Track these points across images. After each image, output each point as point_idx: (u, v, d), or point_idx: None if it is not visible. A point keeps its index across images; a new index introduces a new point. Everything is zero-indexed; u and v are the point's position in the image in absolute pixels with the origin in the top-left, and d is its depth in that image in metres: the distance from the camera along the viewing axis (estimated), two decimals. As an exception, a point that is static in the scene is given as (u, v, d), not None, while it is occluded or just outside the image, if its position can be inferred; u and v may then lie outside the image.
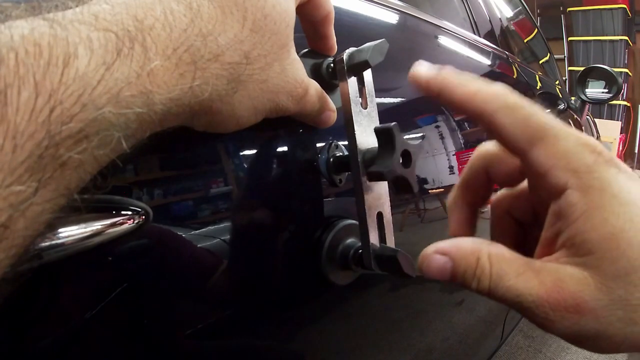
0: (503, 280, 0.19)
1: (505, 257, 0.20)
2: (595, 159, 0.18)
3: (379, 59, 0.30)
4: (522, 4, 1.65)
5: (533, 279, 0.19)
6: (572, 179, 0.18)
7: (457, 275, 0.20)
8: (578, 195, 0.18)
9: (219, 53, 0.19)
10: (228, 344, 0.31)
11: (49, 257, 0.19)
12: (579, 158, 0.18)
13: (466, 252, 0.20)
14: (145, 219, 0.23)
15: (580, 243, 0.18)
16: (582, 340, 0.19)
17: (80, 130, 0.15)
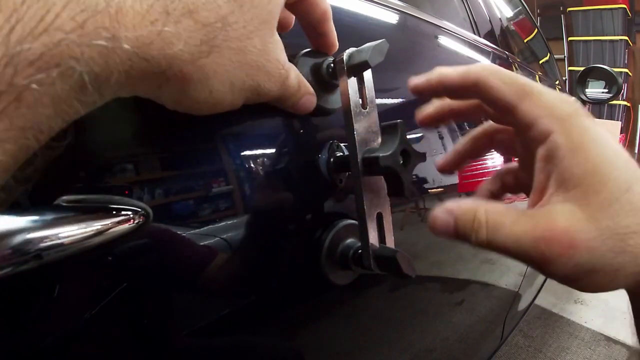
0: (500, 229, 0.21)
1: (500, 209, 0.21)
2: (575, 109, 0.21)
3: (379, 59, 0.30)
4: (522, 4, 1.65)
5: (527, 223, 0.20)
6: (556, 125, 0.21)
7: (458, 230, 0.22)
8: (562, 137, 0.20)
9: (193, 9, 0.18)
10: (228, 344, 0.31)
11: (48, 257, 0.19)
12: (560, 108, 0.21)
13: (465, 209, 0.22)
14: (145, 219, 0.23)
15: (568, 178, 0.20)
16: (579, 278, 0.20)
17: (41, 56, 0.14)
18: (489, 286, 0.81)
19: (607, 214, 0.19)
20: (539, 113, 0.21)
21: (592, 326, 1.80)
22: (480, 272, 0.74)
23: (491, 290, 0.83)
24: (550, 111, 0.21)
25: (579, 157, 0.20)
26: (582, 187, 0.20)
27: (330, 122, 0.37)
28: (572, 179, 0.20)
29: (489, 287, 0.81)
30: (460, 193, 0.63)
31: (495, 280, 0.84)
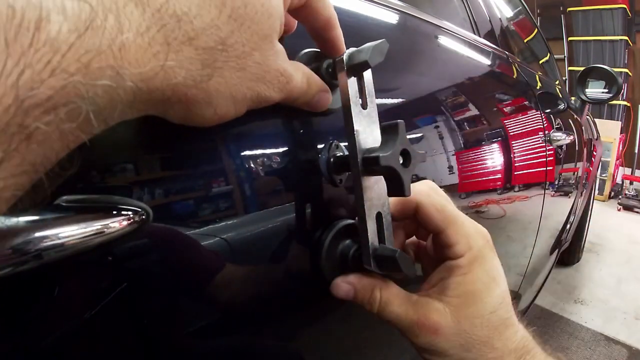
0: (389, 306, 0.29)
1: (392, 291, 0.30)
2: (484, 243, 0.31)
3: (379, 59, 0.30)
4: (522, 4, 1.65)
5: (410, 308, 0.29)
6: (467, 252, 0.30)
7: (356, 299, 0.30)
8: (466, 262, 0.29)
9: (193, 36, 0.19)
10: (227, 344, 0.31)
11: (48, 257, 0.19)
12: (474, 240, 0.30)
13: (365, 285, 0.30)
14: (145, 218, 0.23)
15: (454, 288, 0.29)
16: (433, 354, 0.29)
17: (49, 99, 0.14)
18: (489, 286, 0.81)
19: (468, 323, 0.28)
20: (456, 239, 0.29)
21: (592, 326, 1.80)
22: (480, 272, 0.74)
23: (491, 290, 0.83)
24: (466, 240, 0.30)
25: (468, 279, 0.29)
26: (460, 299, 0.28)
27: (330, 122, 0.37)
28: (456, 290, 0.29)
29: (489, 287, 0.81)
30: (460, 193, 0.63)
31: (495, 280, 0.84)
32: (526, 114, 0.98)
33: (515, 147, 0.84)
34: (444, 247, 0.30)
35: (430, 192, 0.31)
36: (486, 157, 0.72)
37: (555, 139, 1.13)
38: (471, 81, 0.76)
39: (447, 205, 0.31)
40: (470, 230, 0.30)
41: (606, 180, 4.31)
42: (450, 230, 0.30)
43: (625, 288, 2.18)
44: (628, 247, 2.77)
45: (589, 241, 2.68)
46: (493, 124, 0.78)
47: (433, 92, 0.60)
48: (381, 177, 0.32)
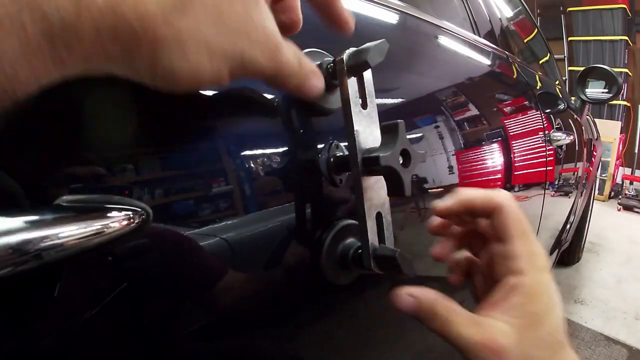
0: (452, 325, 0.28)
1: (456, 310, 0.29)
2: (546, 265, 0.30)
3: (379, 59, 0.30)
4: (522, 4, 1.65)
5: (474, 329, 0.28)
6: (531, 271, 0.29)
7: (417, 314, 0.29)
8: (530, 282, 0.28)
9: None
10: (227, 345, 0.31)
11: (49, 257, 0.19)
12: (539, 259, 0.29)
13: (429, 299, 0.29)
14: (145, 219, 0.23)
15: (518, 309, 0.28)
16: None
17: None
18: (489, 286, 0.81)
19: (530, 344, 0.27)
20: (523, 254, 0.29)
21: (592, 326, 1.80)
22: (480, 272, 0.74)
23: (491, 290, 0.83)
24: (532, 258, 0.29)
25: (533, 299, 0.28)
26: (524, 320, 0.27)
27: (330, 122, 0.37)
28: (520, 311, 0.28)
29: (489, 287, 0.81)
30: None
31: (495, 280, 0.84)
32: (526, 114, 0.98)
33: (515, 147, 0.84)
34: (507, 259, 0.29)
35: (512, 199, 0.30)
36: (486, 157, 0.72)
37: (555, 139, 1.13)
38: (471, 81, 0.76)
39: (524, 217, 0.30)
40: (536, 249, 0.30)
41: (606, 180, 4.31)
42: (520, 242, 0.29)
43: (625, 288, 2.18)
44: (628, 247, 2.77)
45: (589, 241, 2.68)
46: (493, 124, 0.78)
47: (433, 92, 0.60)
48: (381, 177, 0.32)
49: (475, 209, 0.31)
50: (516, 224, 0.29)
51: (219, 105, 0.30)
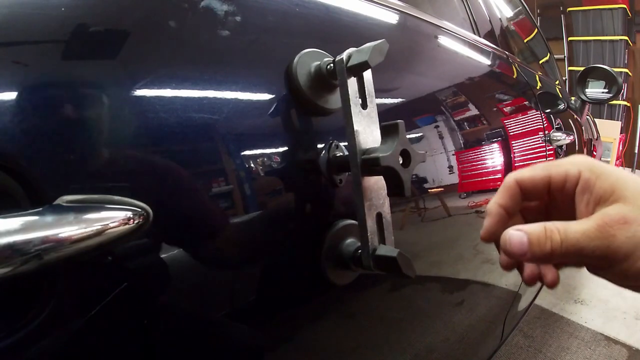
0: (569, 229, 0.26)
1: (563, 222, 0.27)
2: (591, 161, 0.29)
3: (379, 60, 0.30)
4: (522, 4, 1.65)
5: (588, 221, 0.26)
6: (583, 168, 0.28)
7: (532, 242, 0.27)
8: (587, 172, 0.28)
9: None
10: (227, 344, 0.31)
11: (49, 257, 0.19)
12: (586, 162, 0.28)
13: (535, 227, 0.27)
14: (145, 218, 0.23)
15: (603, 194, 0.26)
16: (637, 245, 0.25)
17: None
18: (489, 286, 0.81)
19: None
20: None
21: (592, 326, 1.80)
22: (480, 272, 0.74)
23: (491, 290, 0.83)
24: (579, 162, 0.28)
25: (605, 179, 0.27)
26: (615, 197, 0.26)
27: (330, 122, 0.37)
28: (606, 192, 0.26)
29: (489, 287, 0.81)
30: (460, 193, 0.63)
31: (495, 280, 0.84)
32: (526, 114, 0.98)
33: (515, 147, 0.84)
34: (565, 183, 0.29)
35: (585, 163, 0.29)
36: (486, 157, 0.72)
37: (555, 139, 1.13)
38: (471, 81, 0.76)
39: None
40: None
41: (606, 180, 4.30)
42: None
43: (625, 288, 2.17)
44: (628, 247, 2.76)
45: (589, 241, 2.67)
46: (493, 124, 0.78)
47: (433, 92, 0.60)
48: (381, 177, 0.32)
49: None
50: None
51: (219, 105, 0.30)
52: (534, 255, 0.27)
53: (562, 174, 0.29)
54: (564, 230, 0.26)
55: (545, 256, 0.26)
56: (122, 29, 0.26)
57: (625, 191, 0.26)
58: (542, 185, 0.30)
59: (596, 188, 0.27)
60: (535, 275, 0.32)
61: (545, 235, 0.26)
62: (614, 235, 0.25)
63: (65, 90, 0.23)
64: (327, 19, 0.43)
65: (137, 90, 0.26)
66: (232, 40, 0.32)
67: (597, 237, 0.25)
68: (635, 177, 0.26)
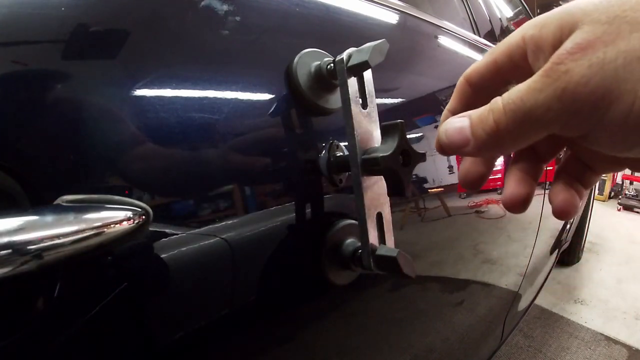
0: (513, 90, 0.19)
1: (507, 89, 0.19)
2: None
3: (379, 59, 0.30)
4: (522, 4, 1.65)
5: (538, 74, 0.18)
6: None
7: (474, 124, 0.20)
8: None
9: None
10: (227, 344, 0.31)
11: (49, 257, 0.19)
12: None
13: (479, 108, 0.20)
14: (145, 218, 0.23)
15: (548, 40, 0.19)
16: (617, 71, 0.16)
17: None
18: (489, 286, 0.81)
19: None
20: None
21: (592, 326, 1.80)
22: (480, 272, 0.74)
23: (491, 290, 0.83)
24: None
25: (552, 20, 0.19)
26: (569, 28, 0.18)
27: (330, 122, 0.37)
28: (556, 33, 0.18)
29: (489, 287, 0.81)
30: (460, 193, 0.63)
31: (495, 280, 0.84)
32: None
33: (515, 147, 0.84)
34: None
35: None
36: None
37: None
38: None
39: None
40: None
41: (606, 180, 4.31)
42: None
43: (625, 288, 2.17)
44: (628, 247, 2.77)
45: (589, 241, 2.68)
46: (493, 124, 0.77)
47: (433, 92, 0.60)
48: (381, 177, 0.32)
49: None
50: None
51: (219, 105, 0.30)
52: (478, 140, 0.20)
53: (505, 49, 0.21)
54: (507, 93, 0.19)
55: (491, 137, 0.19)
56: (122, 29, 0.26)
57: (577, 15, 0.18)
58: (489, 72, 0.23)
59: (544, 38, 0.19)
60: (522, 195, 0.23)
61: (488, 109, 0.19)
62: (567, 72, 0.17)
63: (65, 90, 0.23)
64: (327, 19, 0.43)
65: (137, 90, 0.26)
66: (232, 40, 0.32)
67: (545, 84, 0.17)
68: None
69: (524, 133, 0.19)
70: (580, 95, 0.17)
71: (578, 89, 0.17)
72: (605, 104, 0.17)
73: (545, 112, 0.17)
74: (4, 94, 0.21)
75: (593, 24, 0.17)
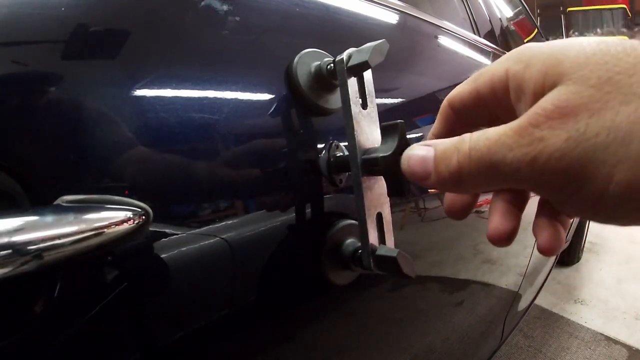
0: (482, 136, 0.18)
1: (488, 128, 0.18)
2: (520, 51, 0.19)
3: (379, 60, 0.30)
4: (522, 4, 1.65)
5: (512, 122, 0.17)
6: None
7: (438, 159, 0.19)
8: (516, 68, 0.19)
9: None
10: (227, 344, 0.31)
11: (49, 257, 0.19)
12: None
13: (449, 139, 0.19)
14: (145, 219, 0.23)
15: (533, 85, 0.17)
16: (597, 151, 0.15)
17: None
18: (489, 286, 0.81)
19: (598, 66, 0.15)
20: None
21: (592, 326, 1.80)
22: (480, 272, 0.74)
23: (491, 290, 0.83)
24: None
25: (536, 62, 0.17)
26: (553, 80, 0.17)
27: (330, 122, 0.37)
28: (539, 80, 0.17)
29: (489, 287, 0.81)
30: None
31: (495, 280, 0.84)
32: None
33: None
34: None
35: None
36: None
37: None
38: (471, 81, 0.76)
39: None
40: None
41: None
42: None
43: (625, 288, 2.17)
44: (628, 247, 2.76)
45: (589, 241, 2.68)
46: (493, 124, 0.77)
47: (433, 92, 0.60)
48: (381, 177, 0.32)
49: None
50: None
51: (219, 105, 0.30)
52: (440, 177, 0.19)
53: (488, 80, 0.20)
54: (477, 136, 0.18)
55: (453, 177, 0.18)
56: (122, 28, 0.26)
57: (565, 65, 0.16)
58: (471, 100, 0.22)
59: (526, 80, 0.17)
60: (507, 229, 0.21)
61: (454, 145, 0.18)
62: (542, 139, 0.15)
63: (65, 90, 0.23)
64: (327, 19, 0.43)
65: (137, 90, 0.26)
66: (232, 40, 0.32)
67: (517, 144, 0.16)
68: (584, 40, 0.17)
69: (488, 182, 0.18)
70: (551, 169, 0.16)
71: (550, 162, 0.16)
72: (577, 183, 0.16)
73: (513, 172, 0.17)
74: (4, 94, 0.21)
75: (580, 84, 0.15)
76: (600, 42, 0.16)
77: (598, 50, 0.16)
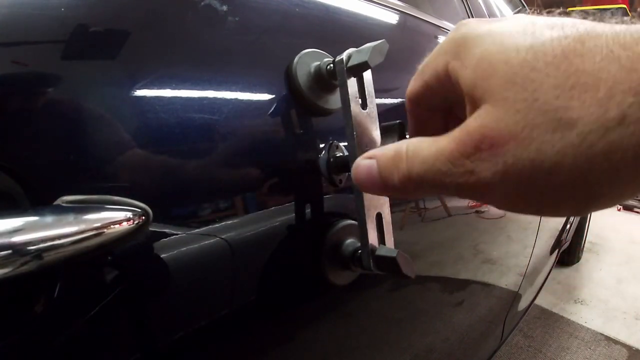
0: (418, 156, 0.18)
1: (421, 140, 0.18)
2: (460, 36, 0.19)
3: (379, 60, 0.30)
4: (522, 4, 1.65)
5: (443, 141, 0.17)
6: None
7: (382, 170, 0.19)
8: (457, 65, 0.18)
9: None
10: (227, 344, 0.31)
11: (49, 257, 0.19)
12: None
13: (388, 151, 0.19)
14: (145, 219, 0.23)
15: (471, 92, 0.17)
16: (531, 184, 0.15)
17: None
18: (489, 286, 0.81)
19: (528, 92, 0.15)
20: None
21: (592, 326, 1.80)
22: (480, 272, 0.74)
23: (491, 290, 0.83)
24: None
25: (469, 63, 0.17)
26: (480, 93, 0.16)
27: (330, 122, 0.37)
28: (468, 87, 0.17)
29: (489, 287, 0.81)
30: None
31: (495, 280, 0.84)
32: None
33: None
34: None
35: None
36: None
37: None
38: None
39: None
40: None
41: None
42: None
43: (625, 288, 2.17)
44: (628, 247, 2.77)
45: (589, 241, 2.68)
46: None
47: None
48: (381, 177, 0.32)
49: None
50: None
51: (219, 105, 0.30)
52: (388, 188, 0.19)
53: (433, 73, 0.20)
54: (412, 155, 0.18)
55: (400, 190, 0.19)
56: (122, 29, 0.26)
57: (492, 80, 0.15)
58: (425, 93, 0.22)
59: (461, 81, 0.17)
60: None
61: (394, 162, 0.19)
62: (473, 172, 0.16)
63: (65, 90, 0.23)
64: (327, 19, 0.43)
65: (136, 90, 0.26)
66: (232, 41, 0.32)
67: (451, 173, 0.16)
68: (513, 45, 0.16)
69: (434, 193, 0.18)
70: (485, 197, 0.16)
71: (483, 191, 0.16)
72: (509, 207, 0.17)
73: (445, 189, 0.17)
74: (4, 94, 0.21)
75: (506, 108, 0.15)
76: (529, 48, 0.15)
77: (525, 63, 0.15)
